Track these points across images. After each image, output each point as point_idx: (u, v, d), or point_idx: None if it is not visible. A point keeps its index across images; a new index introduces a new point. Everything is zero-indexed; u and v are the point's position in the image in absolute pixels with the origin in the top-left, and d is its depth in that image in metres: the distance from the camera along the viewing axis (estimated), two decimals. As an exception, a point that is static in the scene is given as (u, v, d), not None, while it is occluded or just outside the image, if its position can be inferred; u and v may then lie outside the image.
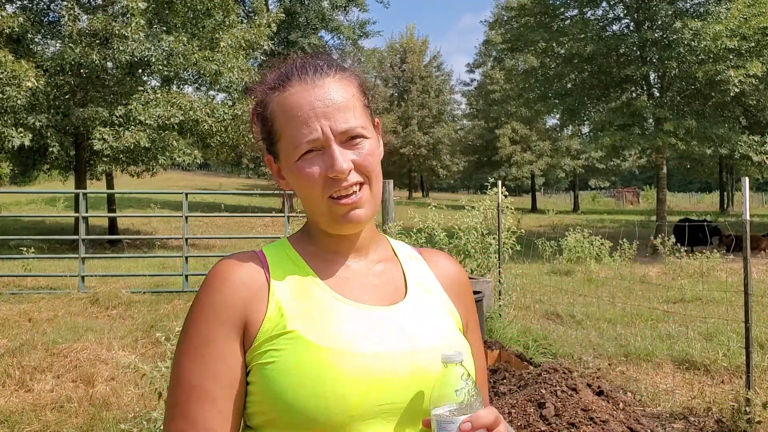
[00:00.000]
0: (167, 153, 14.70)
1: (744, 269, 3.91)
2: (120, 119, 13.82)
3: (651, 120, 17.01)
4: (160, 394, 3.26)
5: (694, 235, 14.17)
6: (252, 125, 1.05)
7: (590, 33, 17.71)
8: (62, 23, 14.10)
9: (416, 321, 0.97)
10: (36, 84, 13.18)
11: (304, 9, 27.55)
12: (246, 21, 19.73)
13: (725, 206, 35.85)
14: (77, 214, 10.12)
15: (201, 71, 14.91)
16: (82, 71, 14.38)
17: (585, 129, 21.71)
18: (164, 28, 14.62)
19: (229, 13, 15.48)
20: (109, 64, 14.29)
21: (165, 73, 14.85)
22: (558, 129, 29.70)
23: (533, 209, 36.71)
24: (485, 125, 40.47)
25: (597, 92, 18.76)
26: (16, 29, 13.67)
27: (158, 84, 15.82)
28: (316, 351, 0.88)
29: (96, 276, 9.49)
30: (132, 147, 13.71)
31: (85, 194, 9.84)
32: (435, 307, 1.02)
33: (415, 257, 1.11)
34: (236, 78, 15.15)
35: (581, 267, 11.49)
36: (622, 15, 18.53)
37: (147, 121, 13.75)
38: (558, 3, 18.88)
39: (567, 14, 19.04)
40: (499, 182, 7.35)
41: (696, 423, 4.07)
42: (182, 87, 16.61)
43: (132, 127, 13.76)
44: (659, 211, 17.37)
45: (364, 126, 0.97)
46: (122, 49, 13.35)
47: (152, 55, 13.76)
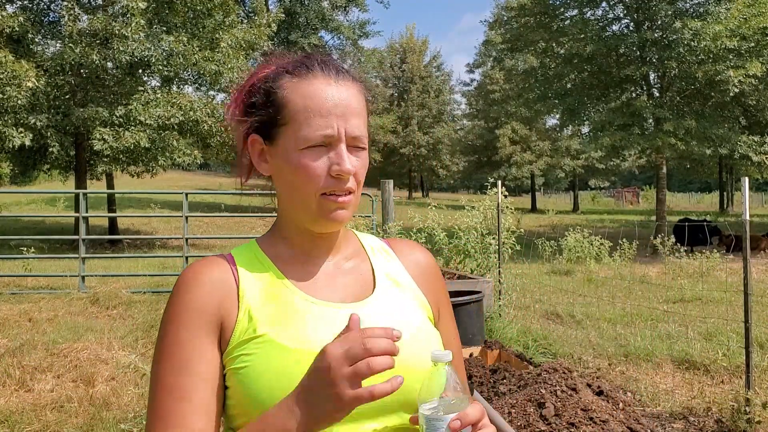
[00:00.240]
0: (167, 153, 14.71)
1: (744, 269, 3.91)
2: (120, 119, 13.82)
3: (651, 120, 17.01)
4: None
5: (694, 235, 14.16)
6: (239, 94, 1.03)
7: (590, 33, 17.71)
8: (62, 23, 14.10)
9: (386, 317, 0.98)
10: (36, 84, 13.19)
11: (304, 9, 27.55)
12: (246, 21, 19.73)
13: (725, 206, 35.84)
14: (77, 214, 10.13)
15: (201, 71, 14.92)
16: (82, 71, 14.39)
17: (585, 129, 21.71)
18: (164, 28, 14.62)
19: (229, 13, 15.49)
20: (109, 64, 14.29)
21: (165, 73, 14.86)
22: (558, 129, 29.72)
23: (533, 209, 36.70)
24: (485, 125, 40.47)
25: (597, 92, 18.75)
26: (17, 29, 13.67)
27: (158, 84, 15.83)
28: (287, 353, 0.89)
29: (96, 276, 9.48)
30: (132, 147, 13.72)
31: (85, 194, 9.85)
32: (404, 300, 1.03)
33: (384, 249, 1.11)
34: (236, 78, 15.14)
35: (581, 267, 11.49)
36: (622, 15, 18.53)
37: (147, 122, 13.75)
38: (558, 3, 18.88)
39: (567, 14, 19.04)
40: (499, 182, 7.35)
41: (696, 423, 4.07)
42: (182, 87, 16.62)
43: (132, 128, 13.76)
44: (659, 211, 17.37)
45: (366, 138, 1.00)
46: (122, 49, 13.35)
47: (152, 55, 13.76)
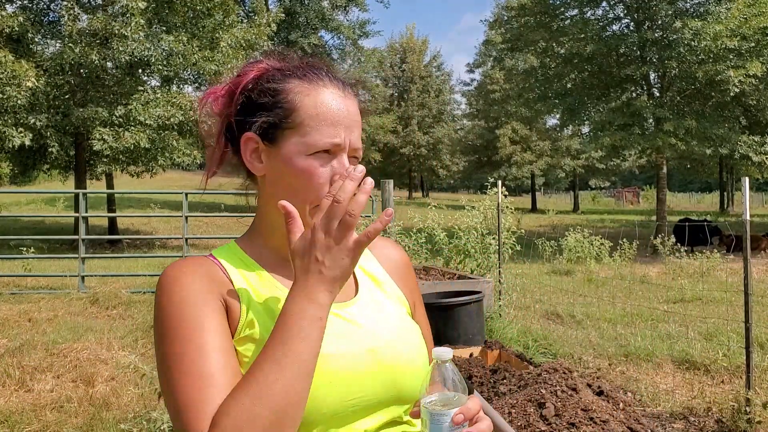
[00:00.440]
0: (167, 153, 14.71)
1: (744, 269, 3.91)
2: (120, 119, 13.81)
3: (651, 120, 17.01)
4: (160, 395, 3.26)
5: (694, 235, 14.16)
6: (228, 88, 1.01)
7: (590, 33, 17.71)
8: (62, 23, 14.10)
9: (372, 316, 0.99)
10: (36, 84, 13.19)
11: (304, 9, 27.54)
12: (246, 21, 19.74)
13: (725, 206, 35.84)
14: (77, 214, 10.12)
15: (201, 71, 14.92)
16: (82, 71, 14.38)
17: (585, 129, 21.72)
18: (164, 28, 14.63)
19: (229, 13, 15.49)
20: (109, 64, 14.29)
21: (165, 73, 14.85)
22: (558, 129, 29.73)
23: (533, 209, 36.69)
24: (485, 125, 40.48)
25: (597, 92, 18.75)
26: (16, 29, 13.68)
27: (158, 84, 15.82)
28: None
29: (96, 276, 9.49)
30: (132, 147, 13.71)
31: (85, 194, 9.84)
32: (386, 298, 1.05)
33: None
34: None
35: (581, 267, 11.48)
36: (622, 15, 18.53)
37: (147, 122, 13.75)
38: (558, 3, 18.88)
39: (567, 14, 19.04)
40: (499, 182, 7.34)
41: (696, 423, 4.07)
42: (182, 87, 16.62)
43: (132, 128, 13.76)
44: (659, 211, 17.37)
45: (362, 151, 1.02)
46: (122, 49, 13.35)
47: (152, 55, 13.76)
